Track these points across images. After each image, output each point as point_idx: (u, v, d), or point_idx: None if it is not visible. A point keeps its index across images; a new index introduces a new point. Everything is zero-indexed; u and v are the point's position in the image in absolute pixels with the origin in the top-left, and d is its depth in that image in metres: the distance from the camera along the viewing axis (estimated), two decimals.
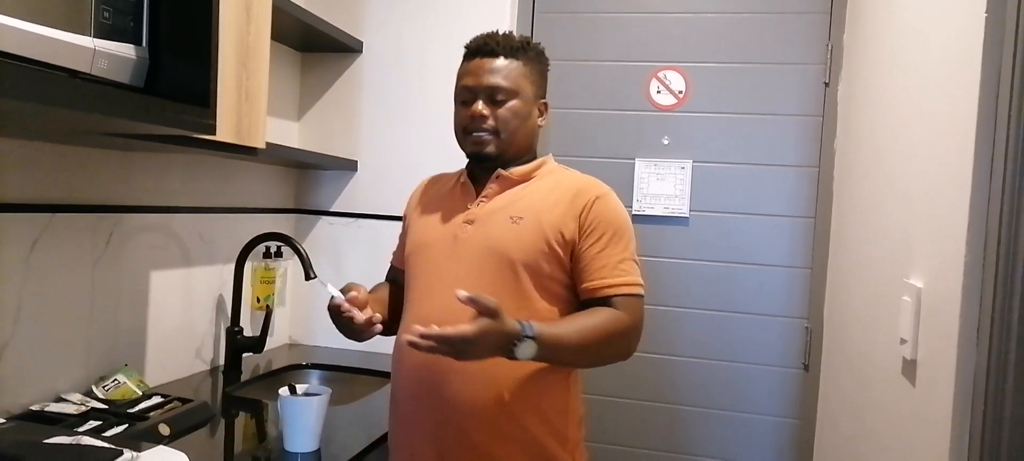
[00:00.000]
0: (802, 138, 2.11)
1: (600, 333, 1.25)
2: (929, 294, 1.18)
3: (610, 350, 1.30)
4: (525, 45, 1.38)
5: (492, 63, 1.34)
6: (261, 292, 2.09)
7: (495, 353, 1.16)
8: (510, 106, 1.34)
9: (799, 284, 2.12)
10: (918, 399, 1.21)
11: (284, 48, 2.21)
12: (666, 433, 2.21)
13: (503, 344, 1.15)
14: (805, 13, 2.10)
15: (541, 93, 1.42)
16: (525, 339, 1.15)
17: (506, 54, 1.35)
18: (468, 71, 1.37)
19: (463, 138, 1.38)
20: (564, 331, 1.23)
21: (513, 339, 1.15)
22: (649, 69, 2.21)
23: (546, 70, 1.44)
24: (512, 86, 1.34)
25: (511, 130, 1.35)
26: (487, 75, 1.34)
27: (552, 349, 1.20)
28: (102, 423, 1.34)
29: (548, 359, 1.22)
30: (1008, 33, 0.98)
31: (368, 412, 1.68)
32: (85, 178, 1.51)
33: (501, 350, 1.15)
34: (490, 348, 1.14)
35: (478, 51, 1.37)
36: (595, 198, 1.32)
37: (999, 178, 0.98)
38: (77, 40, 0.94)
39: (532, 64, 1.38)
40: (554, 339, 1.20)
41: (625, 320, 1.27)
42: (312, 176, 2.33)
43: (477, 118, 1.33)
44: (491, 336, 1.12)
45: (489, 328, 1.12)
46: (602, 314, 1.27)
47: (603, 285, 1.28)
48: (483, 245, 1.31)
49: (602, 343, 1.26)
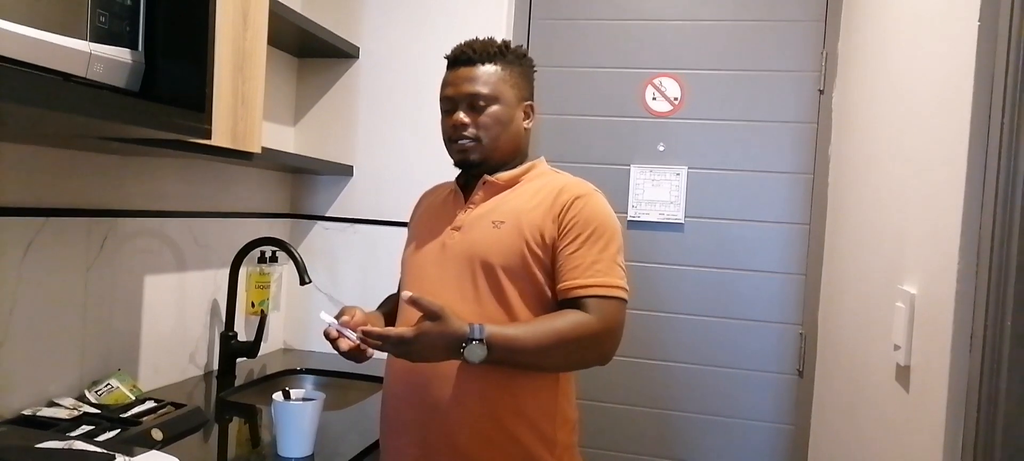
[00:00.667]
0: (797, 145, 2.12)
1: (561, 336, 1.23)
2: (923, 300, 1.19)
3: (576, 354, 1.27)
4: (504, 49, 1.37)
5: (471, 71, 1.34)
6: (256, 297, 2.08)
7: (445, 355, 1.18)
8: (491, 112, 1.34)
9: (793, 290, 2.13)
10: (912, 405, 1.21)
11: (280, 53, 2.21)
12: (660, 439, 2.21)
13: (450, 345, 1.16)
14: (800, 21, 2.11)
15: (525, 96, 1.41)
16: (473, 341, 1.16)
17: (484, 60, 1.34)
18: (448, 81, 1.37)
19: (449, 146, 1.39)
20: (519, 333, 1.22)
21: (461, 341, 1.16)
22: (645, 76, 2.21)
23: (530, 72, 1.43)
24: (491, 92, 1.33)
25: (493, 136, 1.34)
26: (466, 83, 1.33)
27: (505, 351, 1.19)
28: (95, 428, 1.33)
29: (504, 362, 1.21)
30: (1001, 41, 0.98)
31: (362, 417, 1.67)
32: (80, 182, 1.50)
33: (450, 352, 1.17)
34: (436, 350, 1.17)
35: (457, 60, 1.37)
36: (575, 198, 1.31)
37: (992, 185, 0.98)
38: (73, 44, 0.94)
39: (512, 67, 1.37)
40: (506, 341, 1.19)
41: (592, 323, 1.24)
42: (308, 181, 2.32)
43: (458, 126, 1.34)
44: (431, 337, 1.15)
45: (428, 330, 1.15)
46: (566, 317, 1.25)
47: (573, 286, 1.26)
48: (466, 252, 1.31)
49: (564, 346, 1.24)
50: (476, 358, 1.17)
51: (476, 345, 1.16)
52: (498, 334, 1.19)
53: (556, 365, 1.31)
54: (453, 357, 1.18)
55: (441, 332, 1.15)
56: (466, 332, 1.16)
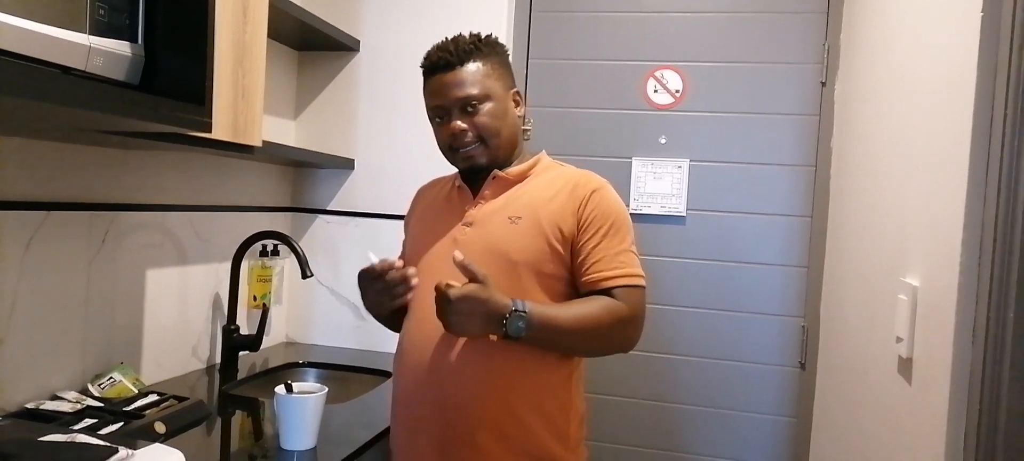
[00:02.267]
0: (799, 137, 2.11)
1: (596, 320, 1.25)
2: (925, 292, 1.18)
3: (608, 338, 1.29)
4: (478, 44, 1.34)
5: (455, 75, 1.31)
6: (258, 290, 2.08)
7: (481, 325, 1.18)
8: (486, 110, 1.32)
9: (795, 283, 2.13)
10: (914, 397, 1.21)
11: (281, 46, 2.21)
12: (662, 432, 2.21)
13: (491, 315, 1.17)
14: (802, 13, 2.10)
15: (510, 84, 1.39)
16: (515, 314, 1.17)
17: (462, 60, 1.31)
18: (432, 91, 1.35)
19: (452, 156, 1.37)
20: (558, 313, 1.23)
21: (504, 313, 1.17)
22: (646, 68, 2.21)
23: (507, 59, 1.40)
24: (481, 91, 1.31)
25: (495, 133, 1.33)
26: (454, 88, 1.31)
27: (543, 329, 1.20)
28: (98, 421, 1.33)
29: (540, 340, 1.22)
30: (1004, 32, 0.98)
31: (364, 410, 1.67)
32: (81, 176, 1.50)
33: (488, 322, 1.18)
34: (474, 317, 1.17)
35: (436, 67, 1.33)
36: (592, 191, 1.32)
37: (995, 177, 0.98)
38: (73, 37, 0.93)
39: (492, 59, 1.35)
40: (545, 319, 1.20)
41: (624, 309, 1.26)
42: (309, 174, 2.32)
43: (458, 134, 1.32)
44: (475, 302, 1.16)
45: (474, 293, 1.16)
46: (600, 301, 1.26)
47: (602, 278, 1.28)
48: (483, 247, 1.30)
49: (599, 330, 1.26)
50: (517, 331, 1.17)
51: (517, 317, 1.17)
52: (538, 312, 1.20)
53: (587, 348, 1.32)
54: (490, 329, 1.18)
55: (486, 299, 1.16)
56: (509, 305, 1.18)
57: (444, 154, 1.39)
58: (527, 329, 1.18)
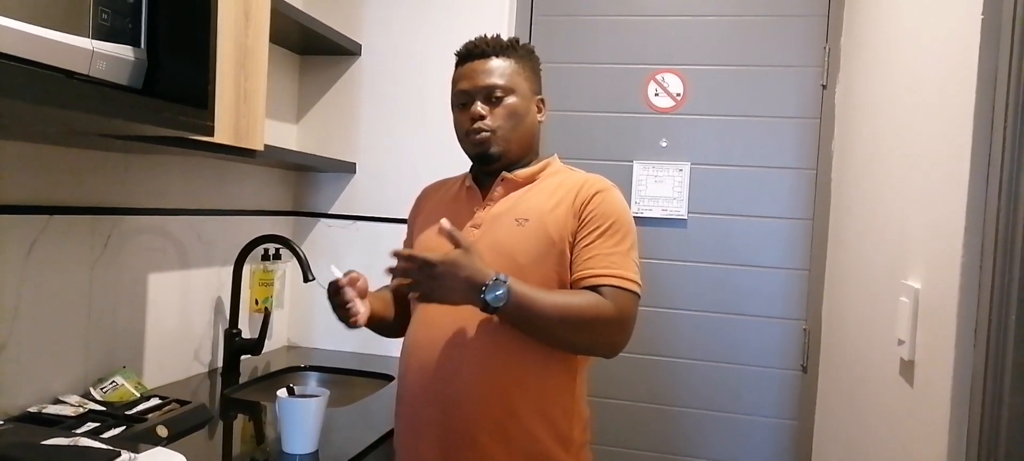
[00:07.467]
0: (800, 140, 2.12)
1: (578, 311, 1.23)
2: (927, 295, 1.18)
3: (589, 333, 1.26)
4: (515, 44, 1.39)
5: (486, 64, 1.35)
6: (260, 294, 2.08)
7: (464, 292, 1.17)
8: (508, 104, 1.35)
9: (797, 286, 2.13)
10: (916, 400, 1.21)
11: (283, 51, 2.21)
12: (664, 435, 2.21)
13: (472, 281, 1.17)
14: (803, 16, 2.10)
15: (537, 90, 1.42)
16: (496, 282, 1.16)
17: (498, 54, 1.36)
18: (462, 75, 1.38)
19: (465, 141, 1.39)
20: (540, 294, 1.22)
21: (484, 282, 1.17)
22: (647, 72, 2.21)
23: (538, 68, 1.44)
24: (508, 84, 1.35)
25: (511, 127, 1.35)
26: (482, 76, 1.34)
27: (523, 306, 1.19)
28: (100, 425, 1.33)
29: (519, 318, 1.21)
30: (1004, 35, 0.98)
31: (367, 414, 1.67)
32: (83, 180, 1.51)
33: (470, 290, 1.17)
34: (457, 282, 1.16)
35: (469, 55, 1.37)
36: (595, 193, 1.32)
37: (996, 179, 0.98)
38: (75, 41, 0.94)
39: (524, 61, 1.39)
40: (526, 296, 1.20)
41: (609, 308, 1.24)
42: (310, 178, 2.33)
43: (476, 118, 1.34)
44: (457, 267, 1.16)
45: (456, 258, 1.16)
46: (586, 295, 1.25)
47: (591, 274, 1.26)
48: (490, 249, 1.29)
49: (580, 321, 1.24)
50: (496, 300, 1.16)
51: (497, 284, 1.16)
52: (520, 287, 1.19)
53: (566, 339, 1.28)
54: (470, 298, 1.17)
55: (466, 264, 1.16)
56: (490, 273, 1.18)
57: (459, 141, 1.40)
58: (506, 299, 1.17)
